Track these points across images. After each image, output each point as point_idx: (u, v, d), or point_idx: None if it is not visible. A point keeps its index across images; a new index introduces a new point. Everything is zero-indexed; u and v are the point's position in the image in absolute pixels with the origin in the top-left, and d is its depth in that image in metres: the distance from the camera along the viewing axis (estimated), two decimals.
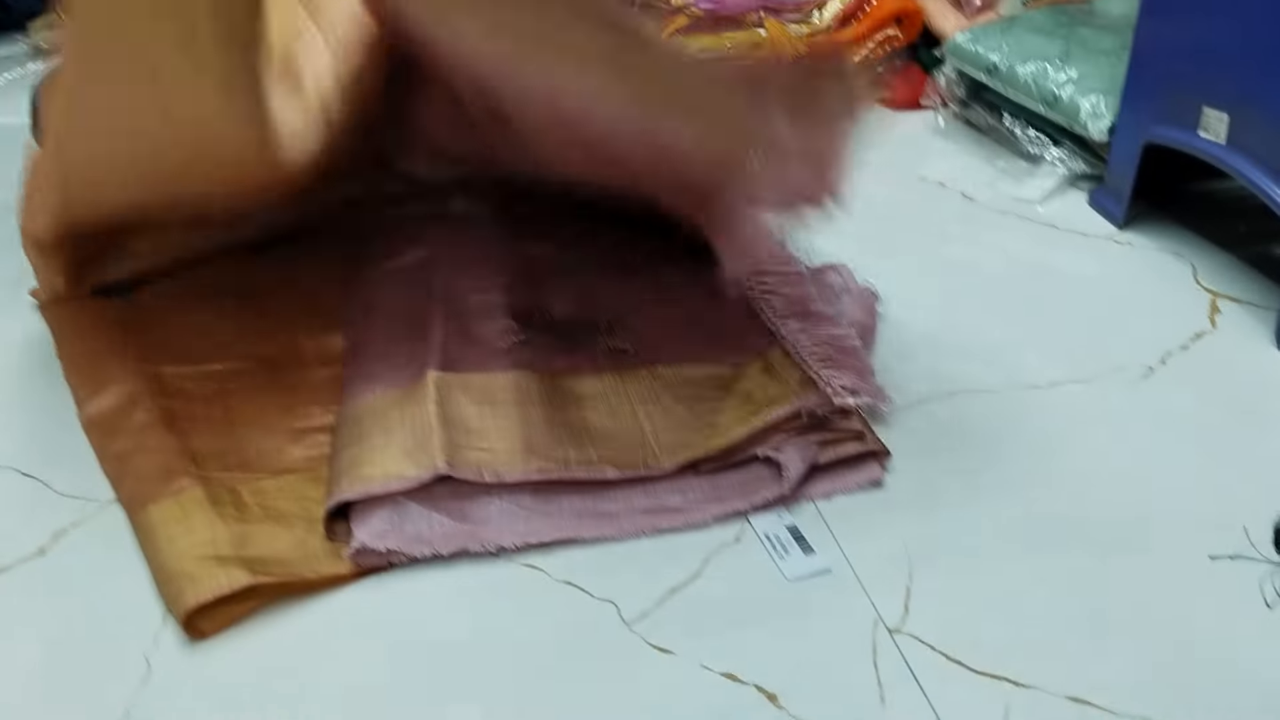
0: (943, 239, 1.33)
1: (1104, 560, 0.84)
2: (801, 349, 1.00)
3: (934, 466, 0.94)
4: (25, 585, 0.84)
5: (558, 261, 1.19)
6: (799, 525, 0.88)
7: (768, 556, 0.85)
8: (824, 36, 1.72)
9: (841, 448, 0.93)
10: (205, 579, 0.80)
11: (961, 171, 1.51)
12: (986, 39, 1.57)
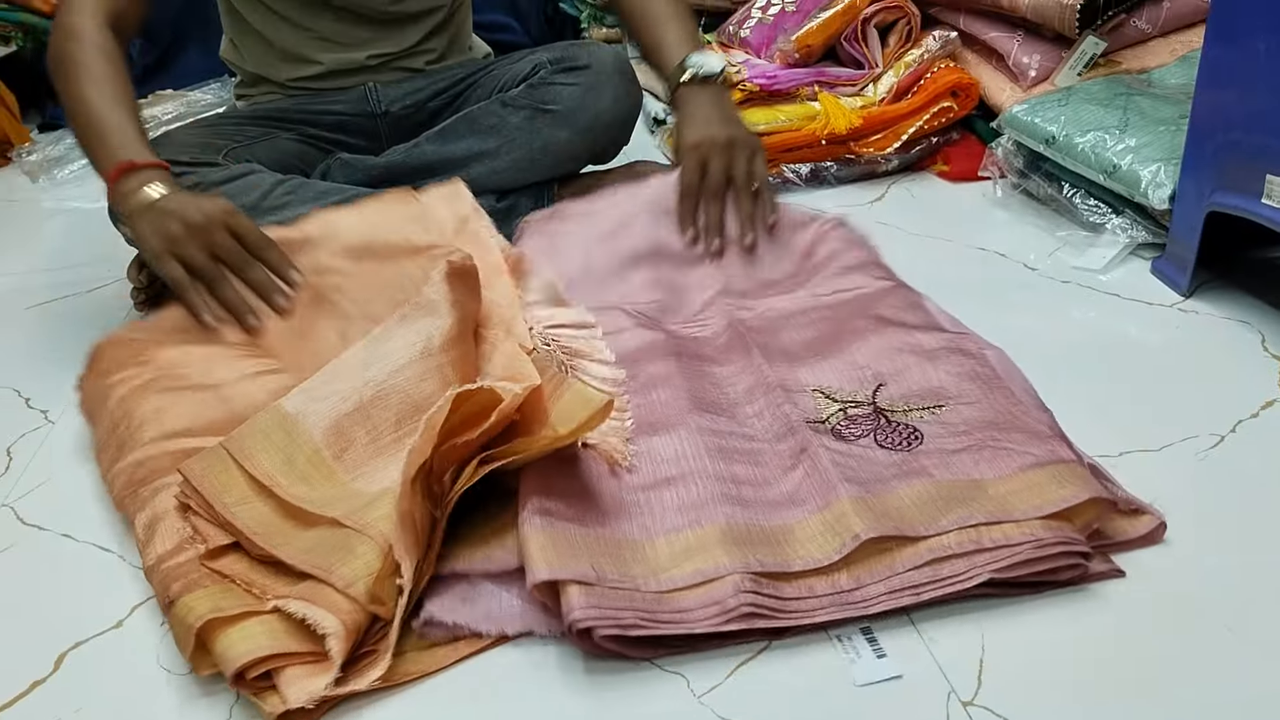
0: (1005, 309, 1.33)
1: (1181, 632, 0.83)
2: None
3: None
4: (103, 658, 0.86)
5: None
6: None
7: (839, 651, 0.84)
8: (879, 109, 1.74)
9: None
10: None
11: (1022, 242, 1.51)
12: (1044, 110, 1.58)
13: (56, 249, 1.83)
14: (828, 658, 0.81)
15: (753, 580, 0.81)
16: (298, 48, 1.54)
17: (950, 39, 1.80)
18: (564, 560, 0.81)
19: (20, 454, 1.15)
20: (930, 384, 1.06)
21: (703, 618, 0.80)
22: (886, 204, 1.69)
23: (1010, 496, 0.87)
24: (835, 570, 0.84)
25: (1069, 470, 0.89)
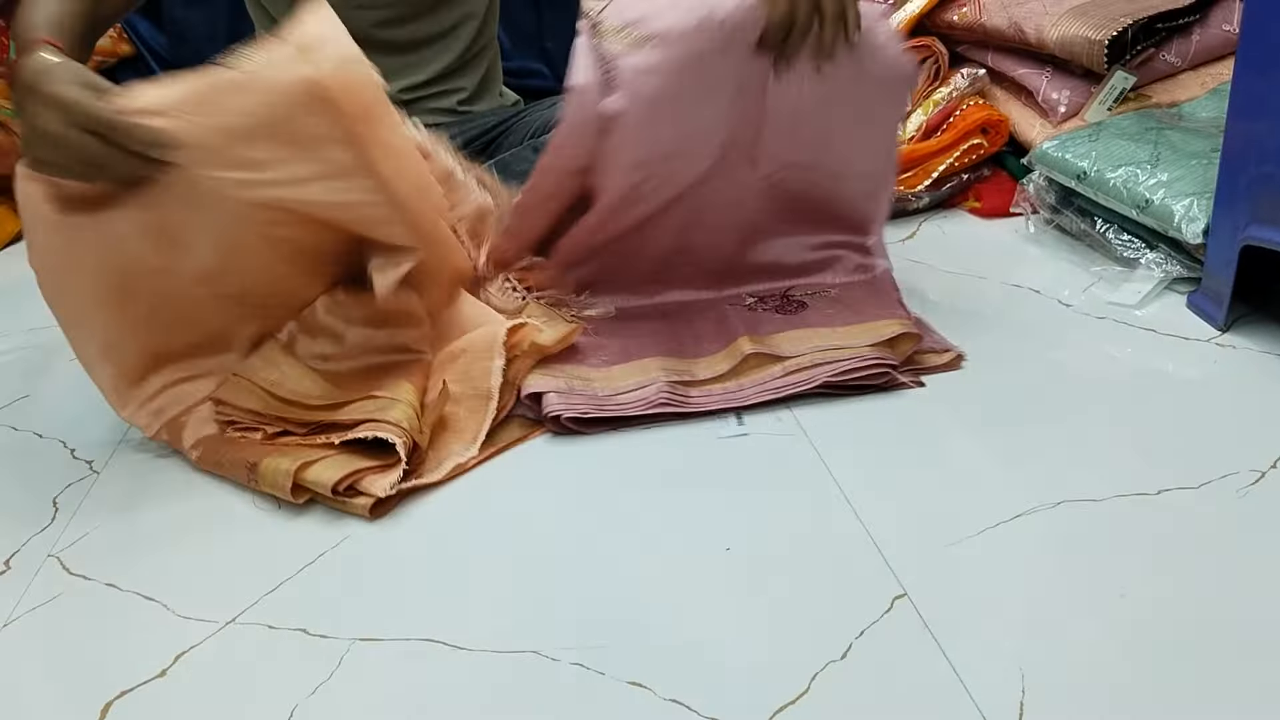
0: (1041, 345, 1.32)
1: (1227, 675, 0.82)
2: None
3: (1041, 577, 0.93)
4: (148, 708, 0.87)
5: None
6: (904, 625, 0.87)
7: (876, 673, 0.84)
8: (909, 148, 1.74)
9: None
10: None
11: (1056, 278, 1.51)
12: (1074, 146, 1.58)
13: None
14: (710, 427, 1.18)
15: (669, 385, 1.21)
16: None
17: (978, 76, 1.81)
18: (547, 382, 1.22)
19: (66, 505, 1.17)
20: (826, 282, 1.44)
21: (634, 408, 1.20)
22: (918, 241, 1.69)
23: (852, 334, 1.27)
24: (726, 379, 1.23)
25: (897, 320, 1.28)
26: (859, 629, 0.88)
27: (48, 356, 1.61)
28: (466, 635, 0.90)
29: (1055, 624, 0.87)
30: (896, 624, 0.88)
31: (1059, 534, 0.98)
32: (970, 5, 1.86)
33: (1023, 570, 0.94)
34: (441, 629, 0.91)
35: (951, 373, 1.27)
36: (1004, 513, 1.00)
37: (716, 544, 1.00)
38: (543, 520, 1.06)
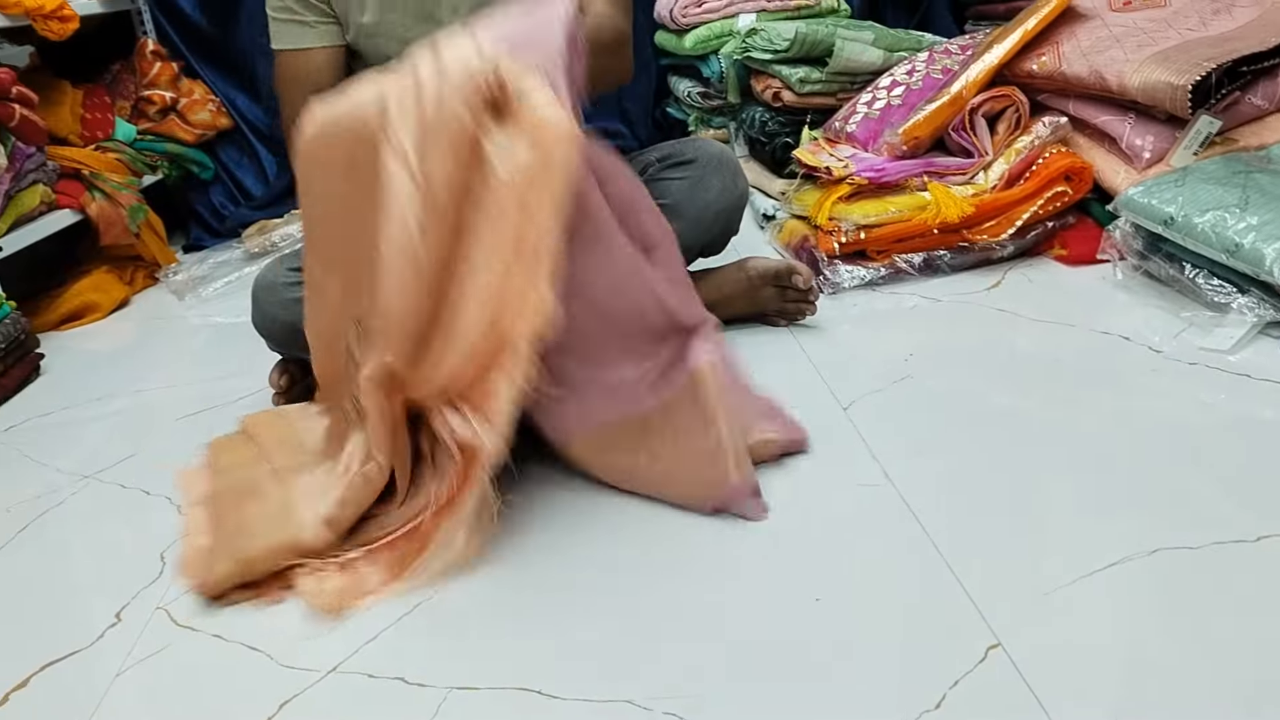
0: (1132, 393, 1.31)
1: None
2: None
3: (1138, 626, 0.91)
4: None
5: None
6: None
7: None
8: (992, 197, 1.74)
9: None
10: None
11: (1146, 324, 1.49)
12: (1160, 191, 1.56)
13: (201, 363, 1.94)
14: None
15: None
16: None
17: (1060, 124, 1.81)
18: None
19: (173, 558, 1.21)
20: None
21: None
22: (1004, 290, 1.68)
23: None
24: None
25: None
26: (953, 679, 0.87)
27: (153, 416, 1.67)
28: (560, 684, 0.92)
29: (1154, 674, 0.86)
30: (991, 674, 0.88)
31: (1156, 582, 0.96)
32: (1050, 54, 1.86)
33: (1119, 619, 0.93)
34: (536, 678, 0.93)
35: (1039, 420, 1.26)
36: (1098, 561, 0.99)
37: (806, 594, 1.00)
38: (631, 571, 1.07)
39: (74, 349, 2.08)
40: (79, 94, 2.51)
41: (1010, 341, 1.49)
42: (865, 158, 1.84)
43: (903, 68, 2.04)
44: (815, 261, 1.77)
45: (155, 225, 2.50)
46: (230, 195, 2.84)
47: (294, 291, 1.45)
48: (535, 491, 1.25)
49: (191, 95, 2.76)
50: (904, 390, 1.38)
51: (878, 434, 1.27)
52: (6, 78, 2.11)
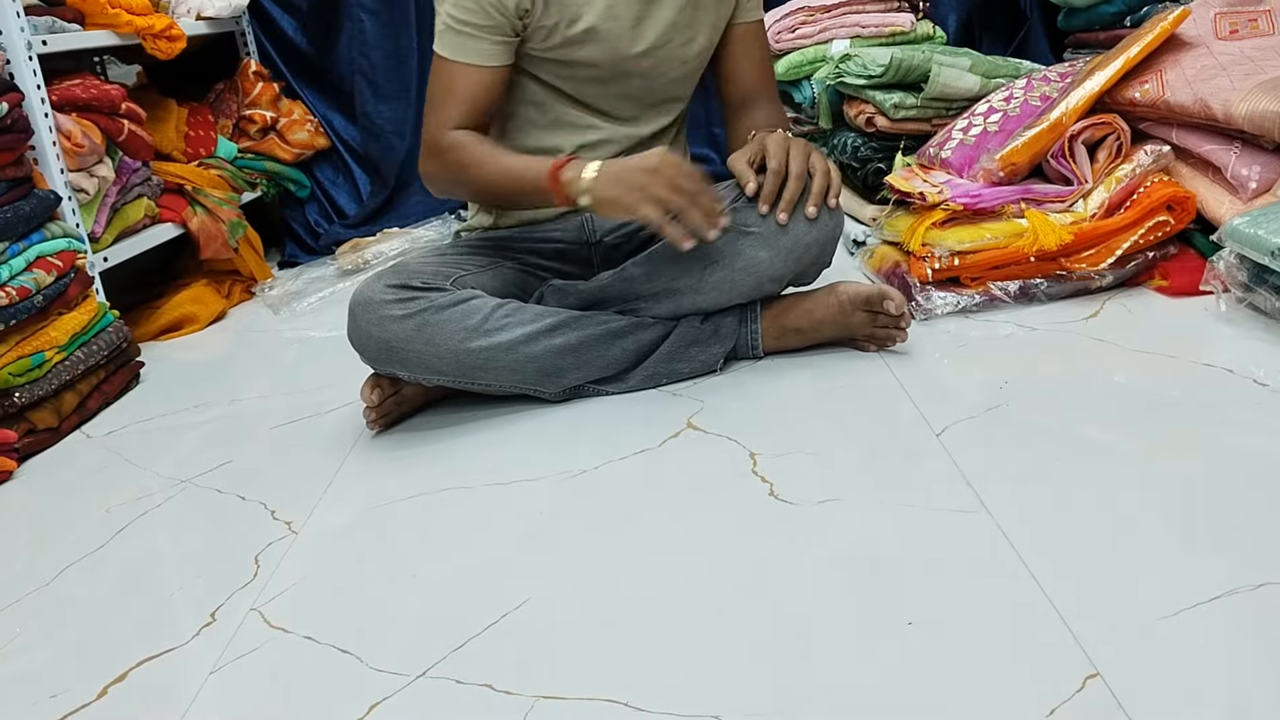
0: (1234, 428, 1.27)
1: None
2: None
3: (1243, 661, 0.88)
4: None
5: None
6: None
7: None
8: (1091, 225, 1.71)
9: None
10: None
11: (1250, 357, 1.45)
12: (1268, 222, 1.52)
13: (295, 375, 1.98)
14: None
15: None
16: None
17: (1163, 153, 1.77)
18: None
19: (266, 562, 1.23)
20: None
21: None
22: (1102, 320, 1.65)
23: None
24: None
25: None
26: (1050, 707, 0.85)
27: (249, 425, 1.71)
28: (647, 696, 0.91)
29: (1258, 710, 0.83)
30: (1089, 704, 0.85)
31: (1262, 617, 0.93)
32: (1153, 82, 1.83)
33: (1224, 654, 0.89)
34: (623, 689, 0.92)
35: (1139, 452, 1.23)
36: (1202, 594, 0.96)
37: (899, 618, 0.98)
38: (721, 588, 1.06)
39: (172, 359, 2.14)
40: (183, 112, 2.59)
41: (1109, 372, 1.46)
42: (960, 183, 1.82)
43: (1000, 94, 2.01)
44: (907, 287, 1.75)
45: (253, 241, 2.56)
46: (325, 213, 2.90)
47: (389, 309, 1.47)
48: (631, 508, 1.26)
49: (291, 115, 2.84)
50: (998, 418, 1.36)
51: (971, 460, 1.25)
52: (116, 94, 2.19)
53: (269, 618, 1.11)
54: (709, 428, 1.43)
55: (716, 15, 1.67)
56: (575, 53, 1.58)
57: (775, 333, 1.61)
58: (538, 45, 1.58)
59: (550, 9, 1.54)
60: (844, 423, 1.41)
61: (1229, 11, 1.91)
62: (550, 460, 1.40)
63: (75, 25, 2.16)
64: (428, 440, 1.52)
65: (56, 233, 1.90)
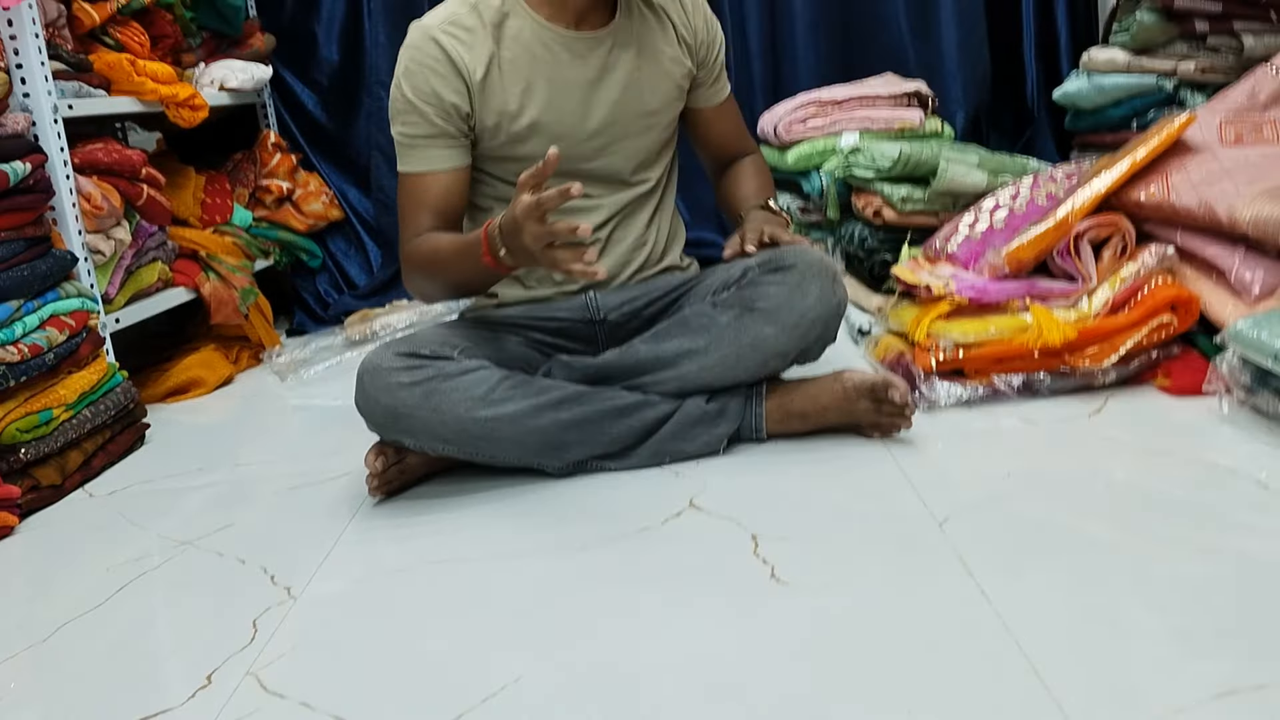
0: (1234, 530, 1.26)
1: None
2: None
3: None
4: None
5: None
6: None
7: None
8: (1095, 323, 1.73)
9: None
10: None
11: (1252, 459, 1.45)
12: (1271, 324, 1.54)
13: (299, 442, 1.98)
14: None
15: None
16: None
17: (1167, 254, 1.79)
18: None
19: (264, 627, 1.22)
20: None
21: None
22: (1105, 417, 1.65)
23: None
24: None
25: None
26: None
27: (251, 489, 1.71)
28: None
29: None
30: None
31: (1262, 717, 0.92)
32: (1158, 185, 1.86)
33: None
34: None
35: (1140, 551, 1.23)
36: (1201, 693, 0.95)
37: (899, 708, 0.98)
38: (723, 673, 1.06)
39: (178, 421, 2.15)
40: (201, 179, 2.63)
41: (1111, 470, 1.47)
42: (966, 277, 1.84)
43: (1007, 191, 2.05)
44: (912, 377, 1.76)
45: (263, 308, 2.59)
46: (335, 283, 2.93)
47: (397, 376, 1.48)
48: (630, 587, 1.25)
49: (307, 187, 2.88)
50: (1001, 510, 1.36)
51: (973, 552, 1.25)
52: (138, 159, 2.23)
53: (265, 682, 1.10)
54: (711, 508, 1.44)
55: (675, 71, 1.72)
56: (521, 148, 1.62)
57: (779, 416, 1.62)
58: (486, 144, 1.63)
59: (489, 108, 1.60)
60: (847, 509, 1.41)
61: (1234, 119, 1.96)
62: (551, 536, 1.40)
63: (101, 91, 2.21)
64: (429, 510, 1.52)
65: (71, 292, 1.92)
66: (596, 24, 1.65)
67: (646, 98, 1.68)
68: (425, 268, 1.59)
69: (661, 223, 1.77)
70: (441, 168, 1.60)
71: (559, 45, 1.61)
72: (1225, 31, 2.22)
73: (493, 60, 1.59)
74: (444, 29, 1.58)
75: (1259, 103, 1.99)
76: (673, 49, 1.71)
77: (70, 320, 1.87)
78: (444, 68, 1.57)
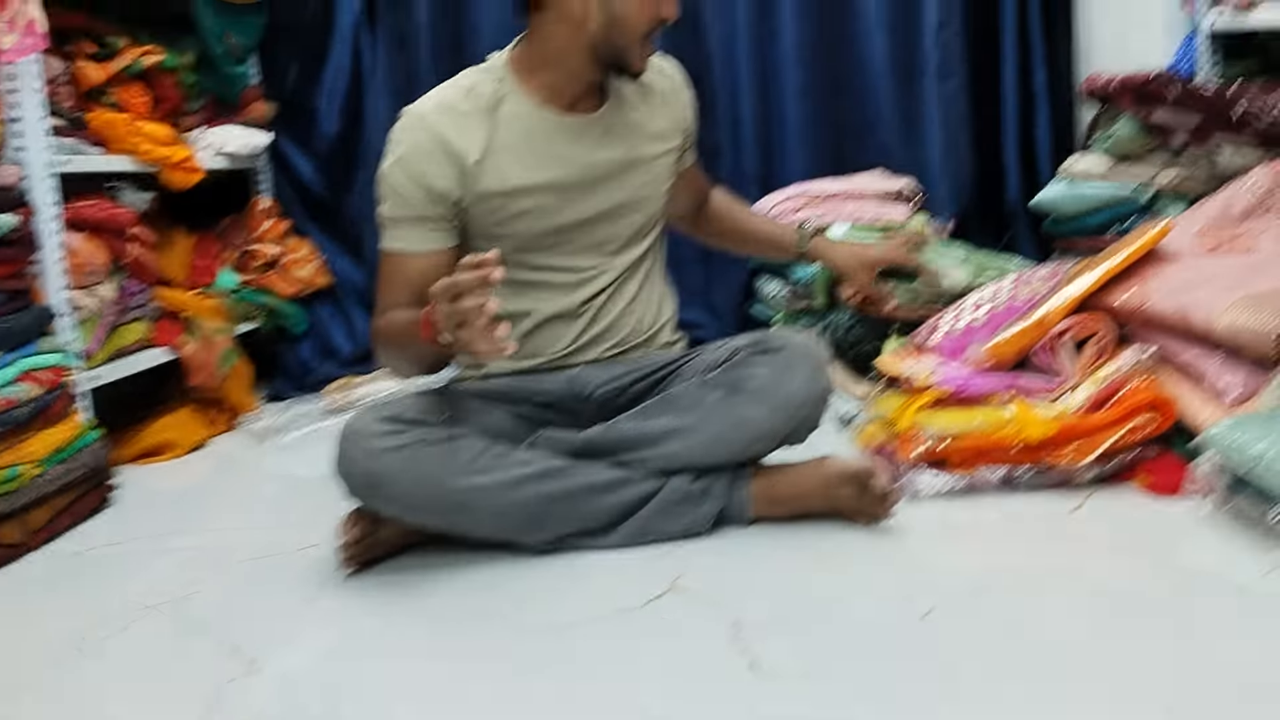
0: (1212, 634, 1.26)
1: None
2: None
3: None
4: None
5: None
6: None
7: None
8: (1075, 420, 1.73)
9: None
10: None
11: (1231, 562, 1.45)
12: (1248, 429, 1.55)
13: (270, 510, 1.95)
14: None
15: None
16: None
17: (1146, 356, 1.81)
18: None
19: (222, 700, 1.19)
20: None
21: None
22: (1084, 514, 1.65)
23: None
24: None
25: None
26: None
27: (219, 556, 1.68)
28: None
29: None
30: None
31: None
32: (1136, 289, 1.88)
33: None
34: None
35: (1118, 652, 1.21)
36: None
37: None
38: None
39: (149, 484, 2.11)
40: (190, 241, 2.64)
41: (1089, 569, 1.46)
42: (950, 369, 1.86)
43: (989, 289, 2.07)
44: (895, 466, 1.76)
45: (242, 372, 2.57)
46: (318, 351, 2.92)
47: (380, 440, 1.47)
48: (606, 671, 1.23)
49: (297, 252, 2.88)
50: (981, 607, 1.35)
51: (952, 648, 1.24)
52: (127, 218, 2.23)
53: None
54: (693, 591, 1.42)
55: (665, 147, 1.76)
56: (517, 225, 1.64)
57: (763, 500, 1.62)
58: (482, 222, 1.64)
59: (484, 189, 1.60)
60: (828, 597, 1.40)
61: (1210, 230, 1.99)
62: (526, 615, 1.38)
63: (97, 149, 2.21)
64: (402, 585, 1.50)
65: (48, 347, 1.91)
66: (590, 107, 1.67)
67: (641, 176, 1.71)
68: (386, 343, 1.59)
69: (651, 291, 1.78)
70: (422, 249, 1.60)
71: (554, 128, 1.64)
72: (1202, 146, 2.27)
73: (489, 143, 1.60)
74: (438, 113, 1.60)
75: (1234, 215, 2.03)
76: (662, 125, 1.74)
77: (46, 376, 1.85)
78: (436, 153, 1.58)
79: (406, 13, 2.97)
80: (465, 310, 1.32)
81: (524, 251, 1.66)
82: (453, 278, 1.33)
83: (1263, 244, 1.94)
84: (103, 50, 2.29)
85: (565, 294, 1.69)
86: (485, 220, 1.63)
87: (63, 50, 2.19)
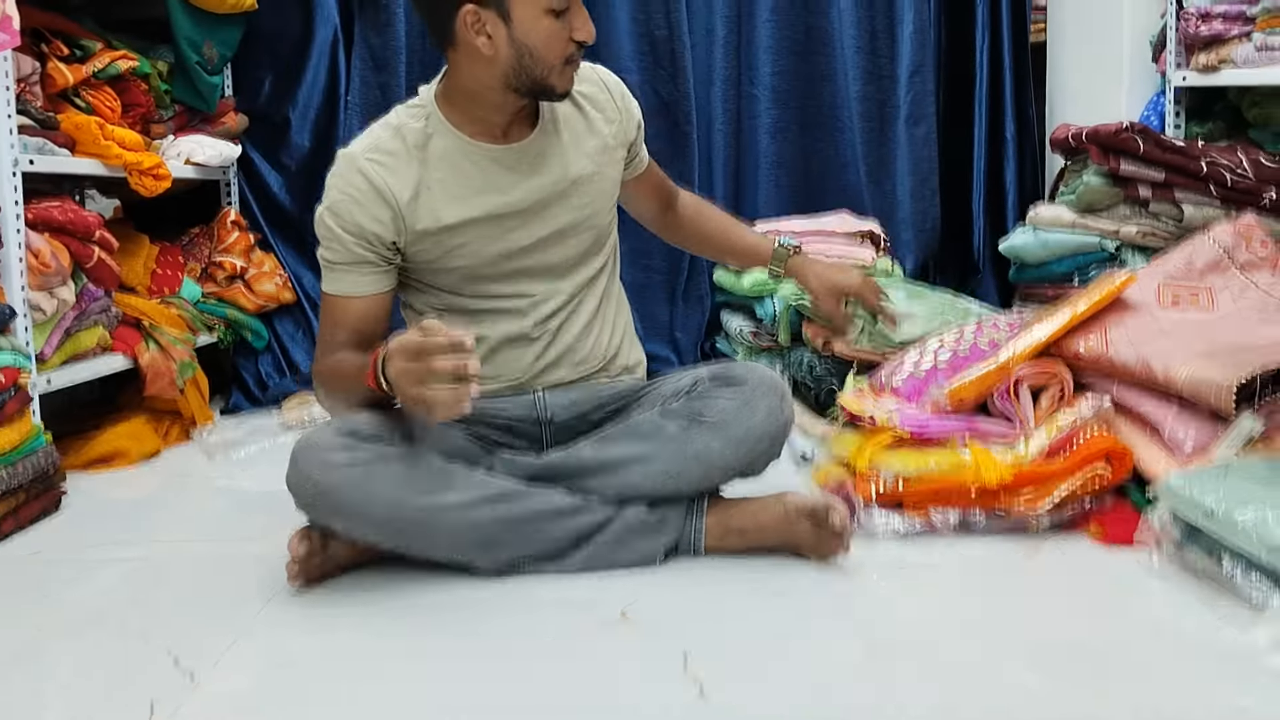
0: (1159, 685, 1.25)
1: None
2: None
3: None
4: None
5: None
6: None
7: None
8: (1031, 467, 1.75)
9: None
10: None
11: (1179, 615, 1.45)
12: (1202, 482, 1.56)
13: (220, 523, 1.92)
14: None
15: None
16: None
17: (1103, 406, 1.83)
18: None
19: (160, 713, 1.17)
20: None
21: None
22: (1039, 562, 1.66)
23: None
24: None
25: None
26: None
27: (165, 568, 1.65)
28: None
29: None
30: None
31: None
32: (1097, 337, 1.90)
33: None
34: None
35: (1064, 703, 1.21)
36: None
37: None
38: None
39: (98, 492, 2.08)
40: (155, 249, 2.61)
41: (1036, 615, 1.46)
42: (909, 411, 1.86)
43: (951, 334, 2.09)
44: (851, 505, 1.76)
45: (200, 383, 2.54)
46: (278, 366, 2.89)
47: (335, 455, 1.46)
48: (553, 698, 1.22)
49: (262, 267, 2.87)
50: (930, 650, 1.35)
51: (902, 690, 1.24)
52: (93, 221, 2.21)
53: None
54: (643, 621, 1.41)
55: (607, 161, 1.74)
56: (457, 259, 1.63)
57: (719, 532, 1.61)
58: (421, 259, 1.63)
59: (420, 227, 1.60)
60: (780, 631, 1.39)
61: (1172, 283, 2.02)
62: (473, 639, 1.37)
63: (65, 150, 2.19)
64: (347, 603, 1.48)
65: (4, 347, 1.88)
66: (523, 134, 1.66)
67: (584, 195, 1.70)
68: (327, 384, 1.60)
69: (608, 308, 1.77)
70: (359, 293, 1.61)
71: (487, 160, 1.63)
72: (1167, 200, 2.31)
73: (420, 182, 1.60)
74: (368, 156, 1.60)
75: (1195, 270, 2.06)
76: (600, 139, 1.73)
77: (1, 375, 1.82)
78: (367, 197, 1.58)
79: (385, 31, 2.97)
80: (434, 370, 1.33)
81: (473, 281, 1.65)
82: (421, 341, 1.33)
83: (1222, 301, 1.98)
84: (77, 52, 2.28)
85: (519, 318, 1.67)
86: (427, 256, 1.62)
87: (36, 49, 2.17)
